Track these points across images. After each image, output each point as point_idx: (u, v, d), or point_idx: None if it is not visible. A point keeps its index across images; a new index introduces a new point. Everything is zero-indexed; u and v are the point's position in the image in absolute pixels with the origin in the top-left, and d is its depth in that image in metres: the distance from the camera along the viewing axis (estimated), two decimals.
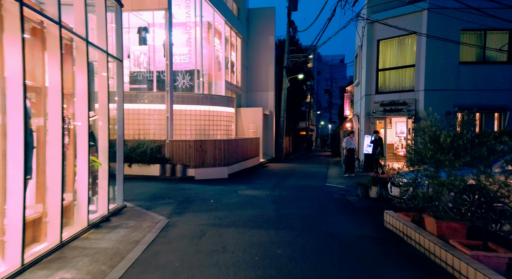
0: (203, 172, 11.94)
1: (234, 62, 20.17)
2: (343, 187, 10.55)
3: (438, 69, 11.84)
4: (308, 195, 9.02)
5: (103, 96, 6.07)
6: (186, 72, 15.35)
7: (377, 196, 8.72)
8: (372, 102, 13.66)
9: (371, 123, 13.79)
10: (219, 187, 10.03)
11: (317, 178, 12.53)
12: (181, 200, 7.93)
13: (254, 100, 22.15)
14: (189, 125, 14.24)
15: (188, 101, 14.09)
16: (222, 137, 15.09)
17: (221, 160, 12.43)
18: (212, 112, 14.80)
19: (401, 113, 12.63)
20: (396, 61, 13.09)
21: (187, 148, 11.86)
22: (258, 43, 22.07)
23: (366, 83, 13.79)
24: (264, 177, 12.98)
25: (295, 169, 15.81)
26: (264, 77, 22.07)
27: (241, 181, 11.63)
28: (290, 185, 10.75)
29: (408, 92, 12.56)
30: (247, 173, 13.94)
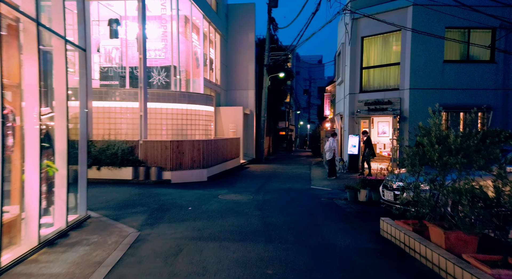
0: (180, 175, 11.11)
1: (213, 59, 19.37)
2: (329, 189, 10.04)
3: (423, 68, 11.58)
4: (295, 200, 8.41)
5: (61, 90, 5.19)
6: (162, 68, 14.42)
7: (366, 199, 8.24)
8: (356, 101, 13.27)
9: (355, 123, 13.40)
10: (198, 192, 9.25)
11: (301, 180, 11.98)
12: (155, 208, 7.11)
13: (234, 99, 21.42)
14: (165, 125, 13.34)
15: (164, 99, 13.19)
16: (201, 138, 14.29)
17: (200, 162, 11.64)
18: (190, 111, 13.96)
19: (386, 112, 12.30)
20: (380, 59, 12.76)
21: (162, 149, 10.99)
22: (237, 40, 21.36)
23: (350, 82, 13.38)
24: (246, 179, 12.30)
25: (277, 171, 15.23)
26: (244, 75, 21.38)
27: (221, 184, 10.89)
28: (274, 188, 10.12)
29: (393, 90, 12.25)
30: (227, 175, 13.20)
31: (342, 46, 14.62)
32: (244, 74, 21.37)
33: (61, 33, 5.07)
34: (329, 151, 11.91)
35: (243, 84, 21.42)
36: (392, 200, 6.63)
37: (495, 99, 11.58)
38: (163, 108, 13.23)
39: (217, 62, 19.75)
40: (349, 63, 13.45)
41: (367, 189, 8.25)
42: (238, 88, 21.47)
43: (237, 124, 18.98)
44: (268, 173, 14.35)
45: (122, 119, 12.59)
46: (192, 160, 11.49)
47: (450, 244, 4.08)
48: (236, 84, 21.46)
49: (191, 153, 11.44)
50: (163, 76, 14.25)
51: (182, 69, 15.80)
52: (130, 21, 14.75)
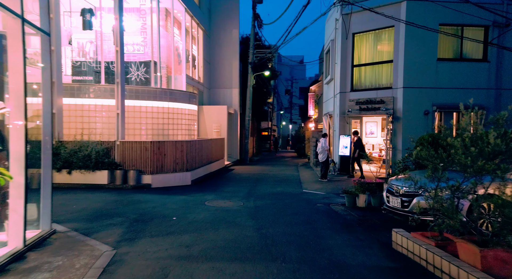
0: (162, 178, 10.21)
1: (195, 56, 18.45)
2: (322, 193, 9.42)
3: (417, 66, 11.18)
4: (289, 206, 7.72)
5: (16, 81, 4.26)
6: (141, 64, 13.43)
7: (365, 205, 7.66)
8: (347, 100, 12.76)
9: (346, 123, 12.88)
10: (182, 198, 8.40)
11: (291, 184, 11.32)
12: (135, 219, 6.23)
13: (218, 98, 20.57)
14: (144, 124, 12.37)
15: (143, 96, 12.22)
16: (184, 138, 13.40)
17: (183, 164, 10.77)
18: (172, 110, 13.04)
19: (379, 112, 11.84)
20: (372, 56, 12.30)
21: (142, 151, 10.05)
22: (221, 37, 20.52)
23: (340, 80, 12.86)
24: (233, 182, 11.52)
25: (265, 173, 14.53)
26: (228, 73, 20.56)
27: (207, 188, 10.07)
28: (264, 193, 9.40)
29: (386, 89, 11.80)
30: (212, 178, 12.38)
31: (332, 43, 14.09)
32: (228, 72, 20.56)
33: (17, 11, 4.14)
34: (323, 152, 11.30)
35: (227, 82, 20.61)
36: (399, 207, 6.05)
37: (487, 98, 11.33)
38: (142, 106, 12.26)
39: (200, 59, 18.84)
40: (339, 61, 12.92)
41: (366, 193, 7.67)
42: (221, 86, 20.63)
43: (221, 124, 18.15)
44: (255, 175, 13.62)
45: (97, 117, 11.54)
46: (175, 162, 10.61)
47: (487, 264, 3.48)
48: (220, 82, 20.62)
49: (174, 155, 10.56)
50: (142, 72, 13.26)
51: (163, 65, 14.85)
52: (105, 12, 13.66)
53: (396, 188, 6.24)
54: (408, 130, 11.21)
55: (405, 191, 5.98)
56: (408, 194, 5.93)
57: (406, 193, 5.97)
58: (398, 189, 6.18)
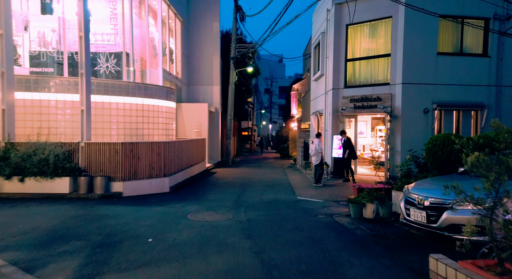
0: (136, 186, 8.83)
1: (173, 50, 17.01)
2: (320, 201, 8.37)
3: (417, 60, 10.37)
4: (287, 218, 6.60)
5: None
6: (111, 55, 11.92)
7: (373, 216, 6.66)
8: (341, 98, 11.81)
9: (339, 122, 11.93)
10: (159, 210, 7.09)
11: (282, 189, 10.21)
12: (99, 242, 4.89)
13: (197, 95, 19.20)
14: (115, 123, 10.90)
15: (114, 91, 10.74)
16: (161, 139, 12.01)
17: (160, 169, 9.43)
18: (147, 107, 11.63)
19: (375, 110, 10.95)
20: (368, 50, 11.40)
21: (112, 154, 8.64)
22: (200, 29, 19.14)
23: (333, 75, 11.89)
24: (217, 188, 10.27)
25: (250, 176, 13.36)
26: (208, 69, 19.22)
27: (188, 196, 8.78)
28: (255, 201, 8.23)
29: (383, 85, 10.94)
30: (193, 184, 11.08)
31: (322, 36, 13.12)
32: (208, 68, 19.22)
33: None
34: (316, 154, 10.26)
35: (207, 78, 19.26)
36: (424, 222, 5.04)
37: (488, 96, 10.70)
38: (112, 103, 10.79)
39: (177, 53, 17.42)
40: (332, 55, 11.95)
41: (375, 203, 6.67)
42: (201, 83, 19.26)
43: (202, 123, 16.82)
44: (240, 179, 12.42)
45: (59, 115, 9.98)
46: (150, 166, 9.25)
47: None
48: (200, 79, 19.24)
49: (149, 158, 9.20)
50: (113, 63, 11.75)
51: (137, 57, 13.37)
52: None
53: (418, 199, 5.24)
54: (407, 129, 10.39)
55: (432, 203, 4.99)
56: (436, 206, 4.94)
57: (433, 206, 4.97)
58: (421, 199, 5.18)
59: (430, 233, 5.26)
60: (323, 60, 13.16)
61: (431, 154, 6.83)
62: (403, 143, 10.33)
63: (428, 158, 6.90)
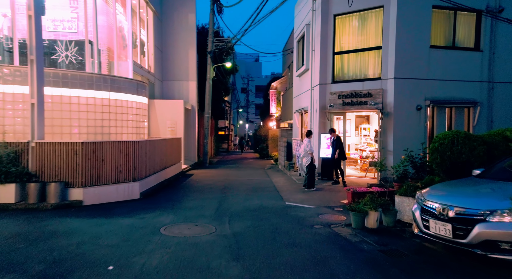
0: (99, 192, 7.57)
1: (144, 42, 15.63)
2: (312, 207, 7.47)
3: (409, 53, 9.73)
4: (280, 231, 5.63)
5: None
6: (71, 42, 10.49)
7: (377, 225, 5.82)
8: (328, 93, 10.99)
9: (327, 119, 11.12)
10: (126, 222, 5.91)
11: (268, 193, 9.24)
12: (38, 276, 3.69)
13: (172, 92, 17.88)
14: (76, 120, 9.50)
15: (75, 84, 9.35)
16: (131, 138, 10.70)
17: (129, 172, 8.21)
18: (115, 102, 10.28)
19: (366, 106, 10.21)
20: (357, 42, 10.65)
21: (70, 156, 7.33)
22: (175, 21, 17.84)
23: (320, 70, 11.05)
24: (195, 193, 9.15)
25: (231, 178, 12.29)
26: (183, 64, 17.94)
27: (162, 204, 7.62)
28: (239, 209, 7.20)
29: (374, 80, 10.22)
30: (168, 188, 9.89)
31: (307, 28, 12.28)
32: (184, 62, 17.95)
33: None
34: (306, 155, 9.34)
35: (183, 74, 17.98)
36: (450, 237, 4.18)
37: (480, 92, 10.23)
38: (73, 97, 9.38)
39: (150, 46, 16.04)
40: (318, 48, 11.12)
41: (378, 210, 5.83)
42: (176, 78, 17.96)
43: (177, 121, 15.55)
44: (220, 182, 11.33)
45: (8, 110, 8.47)
46: (118, 170, 8.01)
47: None
48: (174, 74, 17.93)
49: (116, 160, 7.96)
50: (73, 52, 10.34)
51: (103, 47, 11.97)
52: None
53: (440, 209, 4.39)
54: (399, 128, 9.72)
55: (459, 214, 4.16)
56: (464, 218, 4.11)
57: (461, 217, 4.14)
58: (443, 209, 4.34)
59: (452, 248, 4.45)
60: (308, 53, 12.31)
61: (438, 154, 6.09)
62: (396, 142, 9.65)
63: (433, 159, 6.15)
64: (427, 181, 6.01)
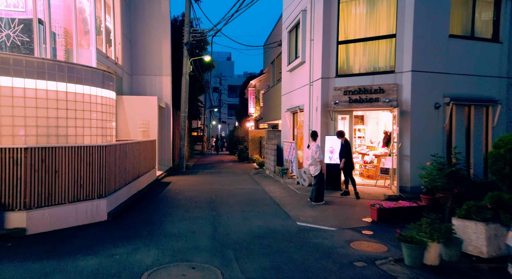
0: (51, 216, 5.59)
1: (110, 29, 13.46)
2: (332, 229, 5.94)
3: (428, 42, 8.51)
4: (314, 275, 4.02)
5: None
6: (13, 20, 8.29)
7: (439, 262, 4.36)
8: (331, 89, 9.56)
9: (330, 119, 9.67)
10: (88, 267, 4.04)
11: (268, 209, 7.60)
12: None
13: (143, 87, 15.77)
14: (21, 118, 7.35)
15: (19, 71, 7.21)
16: (96, 141, 8.63)
17: (94, 186, 6.28)
18: (75, 96, 8.20)
19: (377, 104, 8.87)
20: (365, 29, 9.28)
21: (8, 166, 5.32)
22: (146, 8, 15.74)
23: (322, 62, 9.59)
24: (179, 211, 7.30)
25: (216, 188, 10.51)
26: (156, 56, 15.88)
27: (138, 230, 5.75)
28: (243, 235, 5.51)
29: (386, 74, 8.91)
30: (143, 203, 7.98)
31: (303, 15, 10.79)
32: (157, 55, 15.89)
33: None
34: (315, 164, 7.74)
35: (156, 67, 15.92)
36: None
37: (499, 89, 9.23)
38: (17, 88, 7.23)
39: (117, 34, 13.87)
40: (320, 36, 9.65)
41: (440, 242, 4.36)
42: (148, 72, 15.87)
43: (150, 121, 13.51)
44: (204, 193, 9.53)
45: None
46: (77, 183, 6.06)
47: None
48: (146, 68, 15.82)
49: (75, 171, 6.01)
50: (17, 32, 8.16)
51: (59, 30, 9.79)
52: None
53: None
54: (417, 129, 8.47)
55: None
56: None
57: None
58: None
59: None
60: (304, 44, 10.83)
61: (504, 162, 4.76)
62: (413, 146, 8.38)
63: (498, 169, 4.83)
64: (494, 199, 4.66)
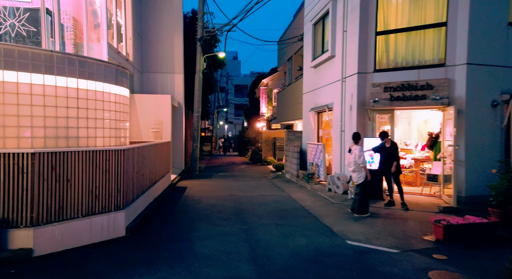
0: (62, 233, 4.71)
1: (121, 25, 12.62)
2: (394, 252, 5.00)
3: (484, 31, 7.53)
4: None
5: None
6: (18, 9, 7.43)
7: None
8: (369, 85, 8.60)
9: (367, 119, 8.71)
10: None
11: (305, 221, 6.67)
12: None
13: (154, 86, 14.92)
14: (28, 118, 6.48)
15: (25, 65, 6.33)
16: (108, 143, 7.75)
17: (111, 197, 5.40)
18: (86, 93, 7.31)
19: (423, 102, 7.90)
20: (409, 17, 8.30)
21: (11, 175, 4.46)
22: (157, 1, 14.90)
23: (359, 55, 8.63)
24: (204, 224, 6.38)
25: (236, 195, 9.57)
26: (168, 53, 15.03)
27: (163, 249, 4.84)
28: (288, 259, 4.58)
29: (435, 68, 7.94)
30: (161, 213, 7.08)
31: (333, 4, 9.85)
32: (169, 51, 15.04)
33: None
34: (358, 170, 6.76)
35: (167, 65, 15.07)
36: None
37: None
38: (23, 84, 6.35)
39: (128, 29, 13.02)
40: (356, 27, 8.70)
41: None
42: (159, 70, 15.02)
43: (163, 121, 12.65)
44: (226, 200, 8.60)
45: None
46: (92, 194, 5.18)
47: None
48: (157, 65, 14.98)
49: (90, 179, 5.14)
50: (23, 21, 7.30)
51: (68, 23, 8.95)
52: None
53: None
54: (473, 130, 7.49)
55: None
56: None
57: None
58: None
59: None
60: (334, 36, 9.89)
61: None
62: (469, 150, 7.40)
63: None
64: None
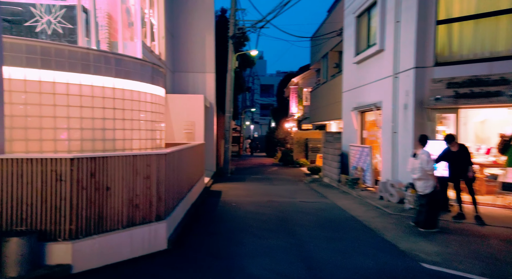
0: (101, 246, 4.23)
1: (153, 24, 12.30)
2: None
3: None
4: None
5: None
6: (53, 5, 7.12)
7: None
8: (428, 81, 7.70)
9: (426, 120, 7.81)
10: None
11: (362, 236, 5.92)
12: None
13: (186, 85, 14.55)
14: (65, 119, 6.10)
15: (61, 64, 5.96)
16: (144, 145, 7.31)
17: (152, 206, 4.89)
18: (122, 93, 6.89)
19: (497, 99, 6.92)
20: (477, 2, 7.35)
21: (49, 182, 4.01)
22: (188, 0, 14.52)
23: (416, 48, 7.74)
24: (249, 237, 5.75)
25: (276, 201, 8.90)
26: (199, 52, 14.61)
27: (210, 270, 4.26)
28: None
29: (510, 60, 6.94)
30: (202, 223, 6.54)
31: None
32: (200, 50, 14.62)
33: None
34: (425, 177, 5.86)
35: (199, 64, 14.65)
36: None
37: None
38: (59, 83, 5.99)
39: (160, 28, 12.68)
40: (414, 16, 7.81)
41: None
42: (190, 69, 14.63)
43: (196, 121, 12.22)
44: (267, 208, 7.95)
45: None
46: (132, 203, 4.69)
47: None
48: (188, 64, 14.59)
49: (130, 186, 4.65)
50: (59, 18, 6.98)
51: (103, 22, 8.63)
52: None
53: None
54: None
55: None
56: None
57: None
58: None
59: None
60: (383, 28, 9.04)
61: None
62: None
63: None
64: None
